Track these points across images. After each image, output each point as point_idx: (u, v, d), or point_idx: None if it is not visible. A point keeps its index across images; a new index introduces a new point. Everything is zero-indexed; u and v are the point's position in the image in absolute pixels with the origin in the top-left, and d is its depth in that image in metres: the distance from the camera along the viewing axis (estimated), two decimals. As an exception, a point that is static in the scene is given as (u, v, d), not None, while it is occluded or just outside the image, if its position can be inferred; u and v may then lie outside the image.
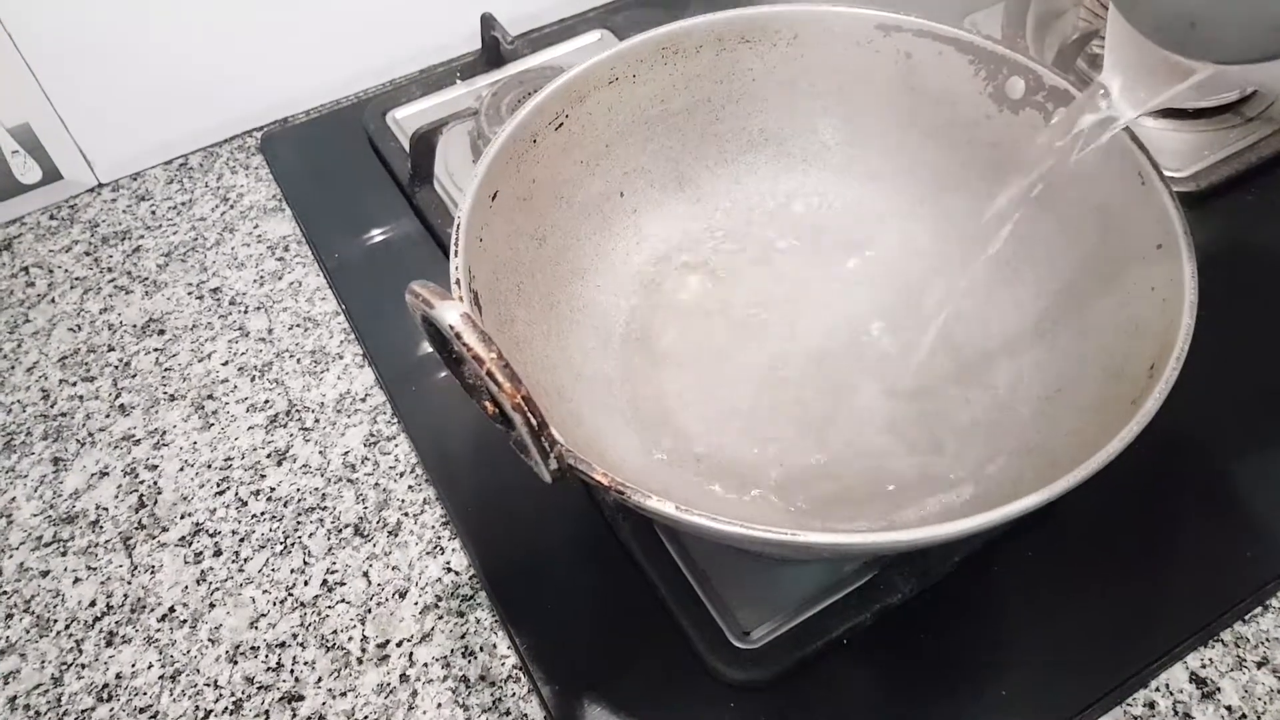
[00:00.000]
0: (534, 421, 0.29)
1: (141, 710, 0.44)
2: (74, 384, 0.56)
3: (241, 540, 0.49)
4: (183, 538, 0.50)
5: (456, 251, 0.38)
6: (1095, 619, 0.43)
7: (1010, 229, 0.42)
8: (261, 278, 0.61)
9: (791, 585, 0.44)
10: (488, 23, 0.66)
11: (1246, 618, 0.44)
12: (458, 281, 0.38)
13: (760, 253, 0.50)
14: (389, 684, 0.44)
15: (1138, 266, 0.39)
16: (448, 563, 0.48)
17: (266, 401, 0.55)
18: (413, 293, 0.31)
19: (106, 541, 0.50)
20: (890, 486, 0.41)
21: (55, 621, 0.47)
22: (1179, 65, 0.34)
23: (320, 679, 0.44)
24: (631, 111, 0.47)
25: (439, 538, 0.49)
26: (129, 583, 0.48)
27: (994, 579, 0.44)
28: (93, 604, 0.48)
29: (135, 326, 0.59)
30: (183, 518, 0.50)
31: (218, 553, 0.49)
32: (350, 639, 0.46)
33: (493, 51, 0.68)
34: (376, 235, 0.62)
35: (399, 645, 0.45)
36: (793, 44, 0.47)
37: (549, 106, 0.44)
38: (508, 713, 0.42)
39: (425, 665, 0.45)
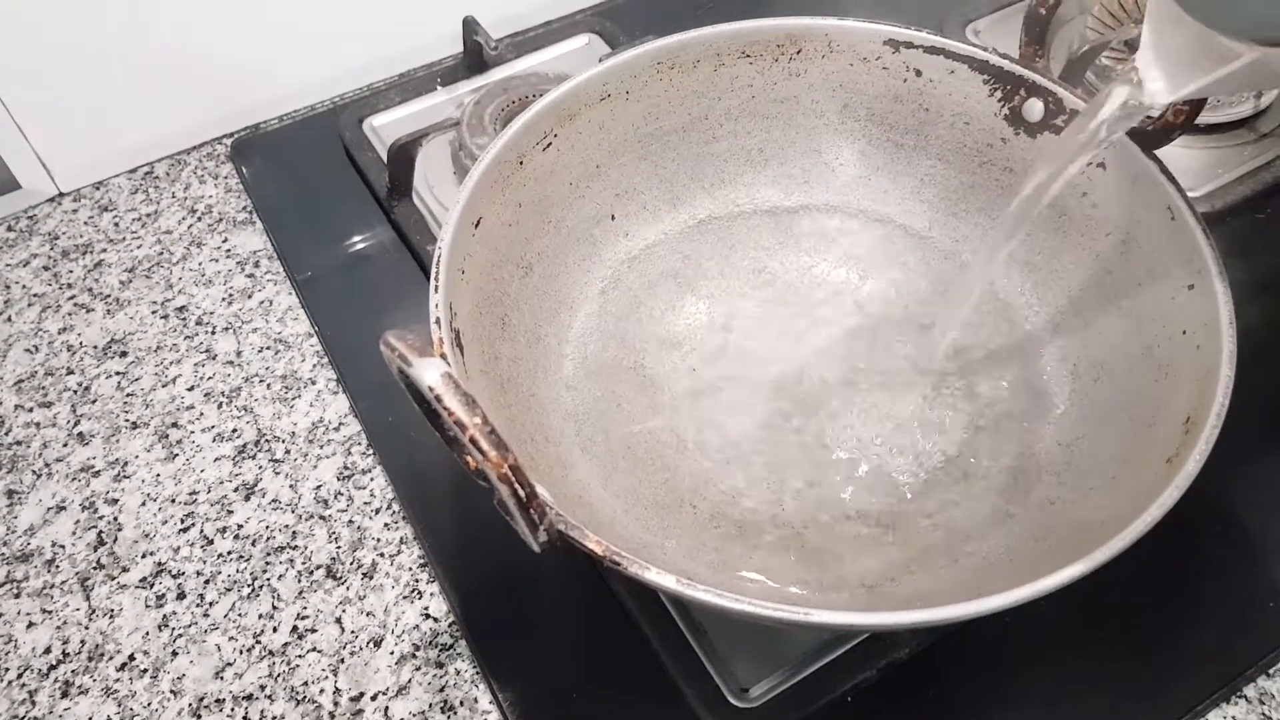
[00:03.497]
0: (522, 493, 0.26)
1: (96, 773, 0.41)
2: (30, 409, 0.53)
3: (207, 582, 0.46)
4: (144, 579, 0.47)
5: (436, 287, 0.35)
6: (1114, 673, 0.41)
7: (1024, 260, 0.40)
8: (230, 296, 0.57)
9: (792, 638, 0.41)
10: (470, 26, 0.63)
11: (1271, 672, 0.42)
12: (438, 320, 0.35)
13: (760, 279, 0.47)
14: (363, 744, 0.41)
15: (1166, 307, 0.37)
16: (426, 608, 0.45)
17: (234, 430, 0.52)
18: (388, 345, 0.28)
19: (63, 582, 0.47)
20: (900, 542, 0.39)
21: (7, 670, 0.44)
22: (1219, 49, 0.31)
23: (290, 736, 0.41)
24: (624, 130, 0.44)
25: (416, 580, 0.46)
26: (86, 628, 0.45)
27: (1007, 632, 0.42)
28: (48, 650, 0.44)
29: (96, 348, 0.55)
30: (144, 557, 0.47)
31: (181, 595, 0.46)
32: (322, 691, 0.43)
33: (475, 56, 0.65)
34: (352, 251, 0.58)
35: (374, 699, 0.42)
36: (795, 59, 0.45)
37: (537, 125, 0.41)
38: (490, 776, 0.40)
39: (402, 721, 0.42)
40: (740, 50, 0.44)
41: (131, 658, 0.44)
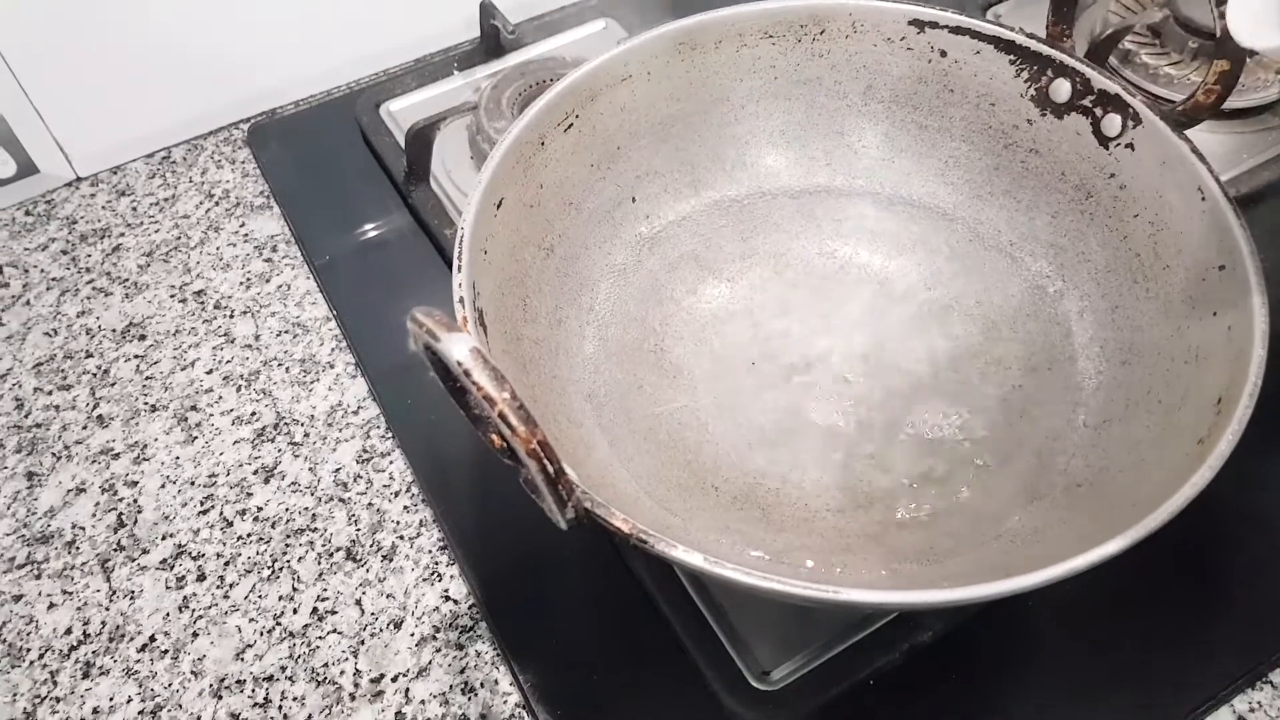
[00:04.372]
0: (550, 469, 0.26)
1: (118, 752, 0.41)
2: (50, 393, 0.53)
3: (226, 564, 0.46)
4: (164, 560, 0.47)
5: (459, 266, 0.35)
6: (1139, 656, 0.41)
7: (1049, 243, 0.39)
8: (248, 280, 0.57)
9: (814, 621, 0.41)
10: (487, 10, 0.63)
11: (1298, 658, 0.41)
12: (461, 300, 0.35)
13: (782, 261, 0.47)
14: (384, 725, 0.41)
15: (1197, 289, 0.36)
16: (445, 590, 0.45)
17: (253, 414, 0.52)
18: (415, 321, 0.28)
19: (83, 564, 0.47)
20: (926, 524, 0.38)
21: (28, 650, 0.44)
22: None
23: (310, 716, 0.41)
24: (645, 111, 0.44)
25: (436, 563, 0.46)
26: (107, 609, 0.45)
27: (1031, 615, 0.42)
28: (69, 631, 0.45)
29: (115, 331, 0.55)
30: (164, 539, 0.47)
31: (201, 577, 0.46)
32: (342, 673, 0.43)
33: (492, 41, 0.64)
34: (369, 235, 0.58)
35: (394, 680, 0.42)
36: (818, 39, 0.44)
37: (558, 106, 0.41)
38: (511, 758, 0.40)
39: (422, 703, 0.42)
40: (763, 30, 0.44)
41: (152, 639, 0.44)
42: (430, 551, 0.46)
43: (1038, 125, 0.42)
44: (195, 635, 0.44)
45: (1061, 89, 0.41)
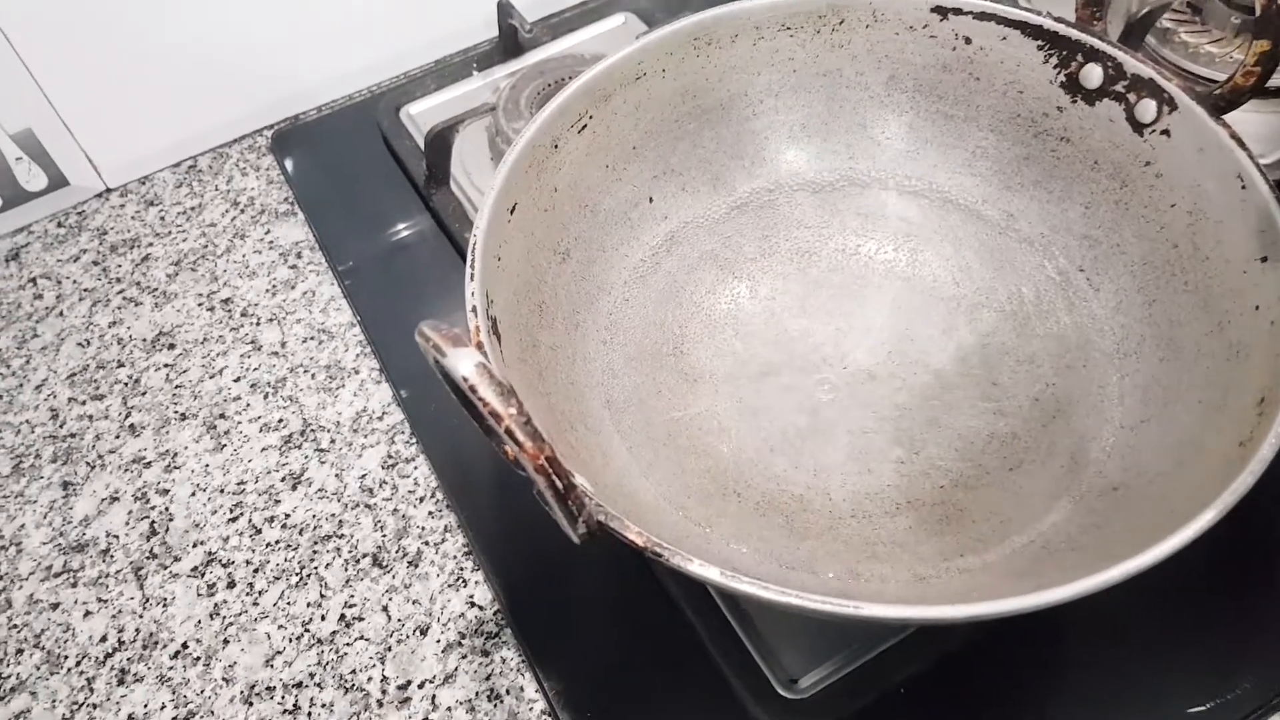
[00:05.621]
0: (560, 484, 0.26)
1: (152, 760, 0.41)
2: (83, 403, 0.54)
3: (256, 571, 0.47)
4: (195, 568, 0.47)
5: (472, 275, 0.35)
6: (1177, 661, 0.39)
7: (1083, 234, 0.38)
8: (274, 287, 0.58)
9: (842, 628, 0.40)
10: (504, 9, 0.62)
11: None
12: (474, 309, 0.34)
13: (804, 259, 0.46)
14: (410, 733, 0.41)
15: (1237, 281, 0.35)
16: (471, 596, 0.45)
17: (280, 421, 0.52)
18: (423, 336, 0.27)
19: (117, 572, 0.47)
20: (954, 531, 0.37)
21: (66, 658, 0.45)
22: None
23: (339, 723, 0.42)
24: (660, 109, 0.43)
25: (461, 569, 0.46)
26: (140, 616, 0.46)
27: (1066, 619, 0.40)
28: (104, 639, 0.45)
29: (145, 340, 0.56)
30: (195, 546, 0.48)
31: (231, 584, 0.46)
32: (370, 679, 0.43)
33: (510, 40, 0.64)
34: (392, 240, 0.58)
35: (420, 687, 0.42)
36: (838, 30, 0.43)
37: (571, 107, 0.40)
38: (536, 767, 0.40)
39: (449, 709, 0.42)
40: (780, 23, 0.43)
41: (184, 646, 0.45)
42: (455, 557, 0.46)
43: (1068, 113, 0.41)
44: (226, 642, 0.45)
45: (1093, 74, 0.39)
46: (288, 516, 0.49)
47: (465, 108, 0.58)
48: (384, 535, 0.47)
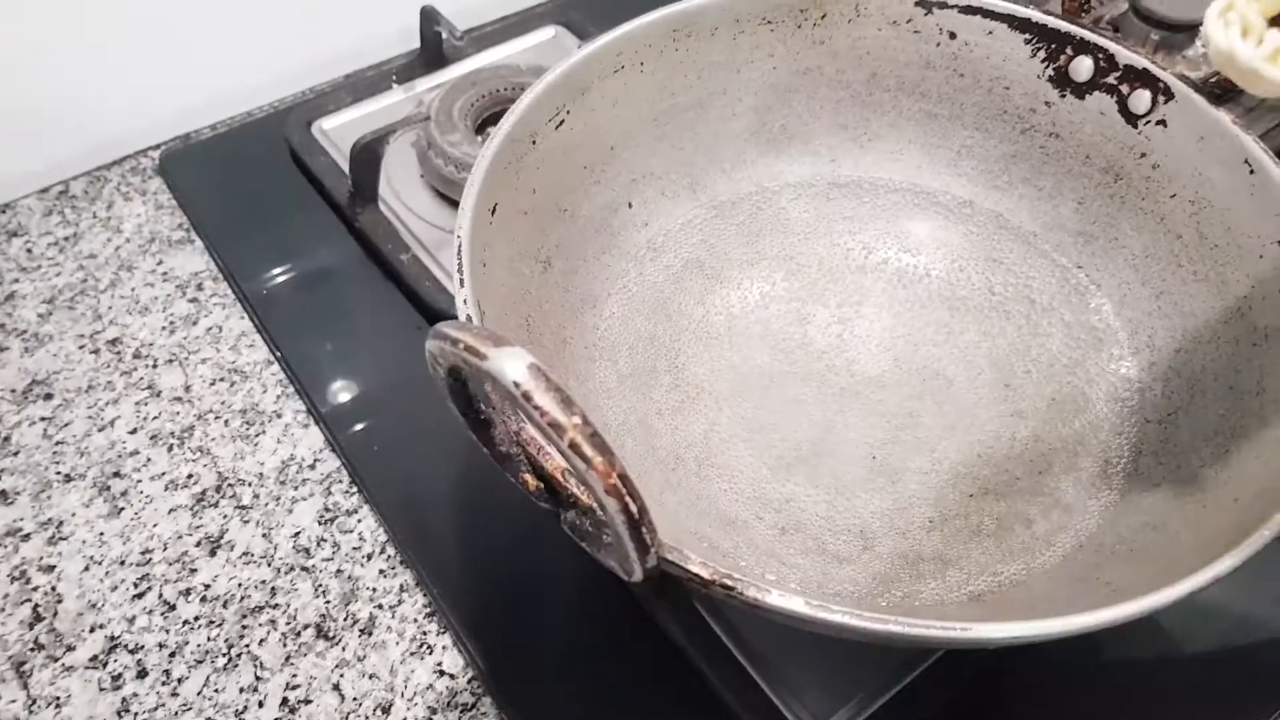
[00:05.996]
0: (634, 508, 0.21)
1: None
2: (-63, 468, 0.45)
3: (172, 655, 0.39)
4: (94, 657, 0.39)
5: (462, 281, 0.30)
6: (1232, 673, 0.38)
7: (1077, 231, 0.37)
8: (172, 324, 0.50)
9: (866, 659, 0.37)
10: (430, 16, 0.58)
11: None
12: (468, 318, 0.29)
13: (791, 265, 0.43)
14: (387, 833, 0.35)
15: (1255, 266, 0.34)
16: (439, 664, 0.39)
17: (190, 476, 0.45)
18: (444, 338, 0.22)
19: (-9, 670, 0.39)
20: (995, 544, 0.35)
21: (-74, 787, 0.36)
22: None
23: (293, 832, 0.35)
24: (639, 106, 0.40)
25: (424, 633, 0.40)
26: (24, 723, 0.37)
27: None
28: (-25, 758, 0.37)
29: (15, 391, 0.47)
30: (92, 631, 0.40)
31: (142, 674, 0.39)
32: (326, 773, 0.36)
33: (434, 50, 0.59)
34: (310, 266, 0.52)
35: (390, 776, 0.36)
36: (819, 25, 0.41)
37: (549, 100, 0.36)
38: None
39: (427, 800, 0.36)
40: (761, 16, 0.40)
41: (86, 755, 0.37)
42: (415, 620, 0.40)
43: (1057, 107, 0.40)
44: (140, 745, 0.37)
45: (1083, 67, 0.39)
46: (207, 587, 0.41)
47: (384, 122, 0.52)
48: (327, 601, 0.41)
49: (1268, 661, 0.38)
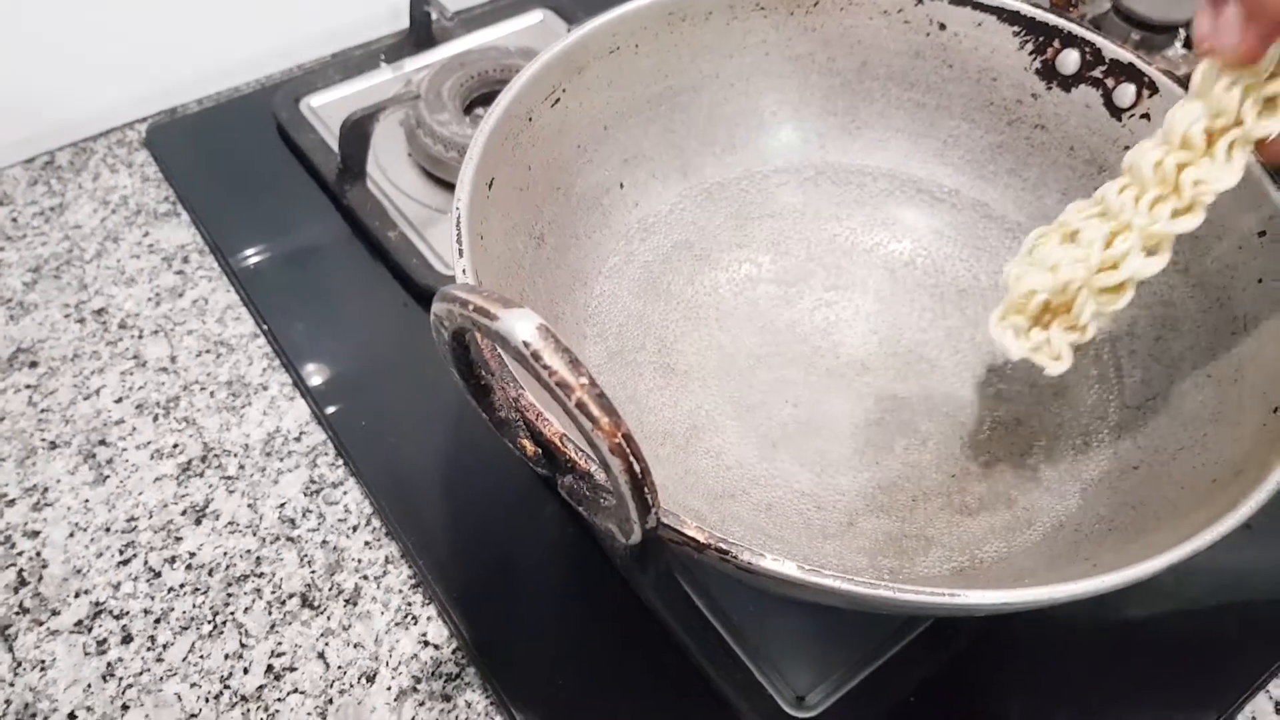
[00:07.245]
0: (637, 468, 0.22)
1: None
2: (-81, 434, 0.44)
3: (157, 621, 0.39)
4: (79, 622, 0.39)
5: (461, 251, 0.30)
6: (1180, 647, 0.39)
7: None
8: (158, 295, 0.50)
9: (846, 634, 0.38)
10: (420, -3, 0.58)
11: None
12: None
13: (779, 248, 0.44)
14: (372, 798, 0.35)
15: (1234, 257, 0.35)
16: (423, 634, 0.40)
17: (176, 446, 0.45)
18: (452, 299, 0.23)
19: (-26, 635, 0.39)
20: (976, 519, 0.36)
21: (-92, 749, 0.36)
22: None
23: (277, 796, 0.35)
24: (633, 88, 0.40)
25: (409, 604, 0.40)
26: (12, 685, 0.37)
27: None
28: (-42, 720, 0.37)
29: (0, 359, 0.47)
30: (77, 596, 0.40)
31: (127, 639, 0.39)
32: (310, 739, 0.37)
33: (423, 30, 0.59)
34: (298, 241, 0.52)
35: (374, 744, 0.36)
36: (812, 12, 0.42)
37: (545, 78, 0.37)
38: (527, 822, 0.35)
39: (411, 767, 0.36)
40: (755, 2, 0.41)
41: (72, 716, 0.37)
42: (400, 591, 0.41)
43: (1043, 99, 0.41)
44: (125, 708, 0.37)
45: (1069, 60, 0.40)
46: (192, 555, 0.41)
47: (372, 100, 0.52)
48: (313, 571, 0.41)
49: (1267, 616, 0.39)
